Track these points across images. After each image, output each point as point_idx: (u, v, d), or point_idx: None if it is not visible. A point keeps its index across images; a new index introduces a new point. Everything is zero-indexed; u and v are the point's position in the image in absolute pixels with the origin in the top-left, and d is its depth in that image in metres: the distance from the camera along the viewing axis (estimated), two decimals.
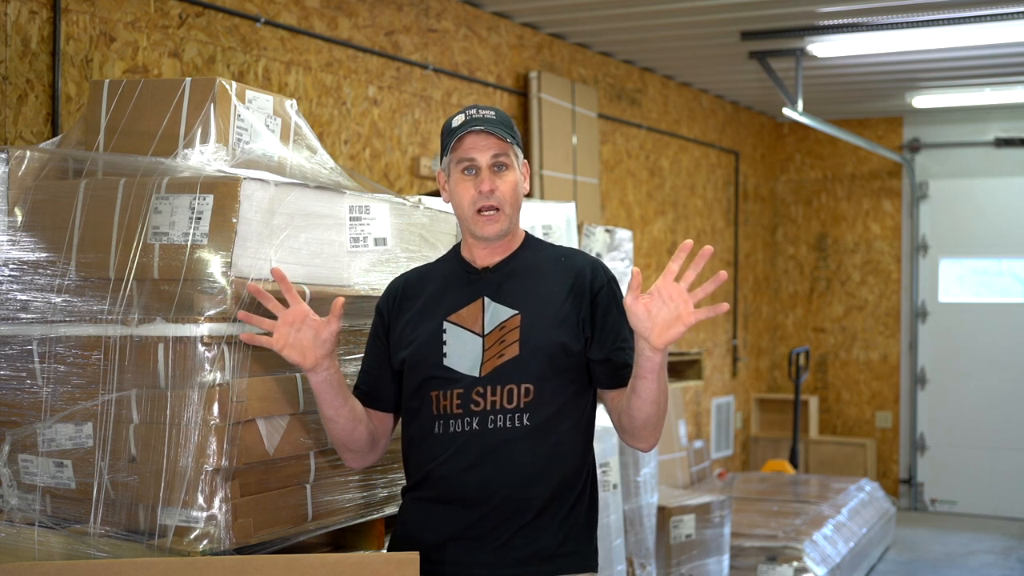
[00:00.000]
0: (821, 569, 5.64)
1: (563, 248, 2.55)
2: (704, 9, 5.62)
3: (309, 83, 4.46)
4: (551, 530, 2.34)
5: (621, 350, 2.37)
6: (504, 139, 2.37)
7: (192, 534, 2.29)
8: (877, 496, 7.44)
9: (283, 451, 2.45)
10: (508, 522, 2.32)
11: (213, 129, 2.60)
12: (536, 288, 2.40)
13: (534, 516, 2.33)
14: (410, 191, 4.92)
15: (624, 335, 2.37)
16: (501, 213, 2.38)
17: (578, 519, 2.39)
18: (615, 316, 2.38)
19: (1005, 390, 8.59)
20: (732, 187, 8.49)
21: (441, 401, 2.36)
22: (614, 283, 2.44)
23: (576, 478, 2.39)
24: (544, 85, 5.84)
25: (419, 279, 2.51)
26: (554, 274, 2.43)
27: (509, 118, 2.46)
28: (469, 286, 2.42)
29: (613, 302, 2.40)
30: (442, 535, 2.36)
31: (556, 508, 2.35)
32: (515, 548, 2.33)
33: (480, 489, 2.33)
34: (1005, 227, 8.68)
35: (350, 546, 2.72)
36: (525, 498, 2.32)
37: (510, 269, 2.43)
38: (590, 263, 2.46)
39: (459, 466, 2.35)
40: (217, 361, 2.32)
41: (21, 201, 2.60)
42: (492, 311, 2.38)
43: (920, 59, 6.75)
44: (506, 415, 2.33)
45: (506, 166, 2.39)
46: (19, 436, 2.50)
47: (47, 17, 3.42)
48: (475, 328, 2.37)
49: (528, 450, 2.33)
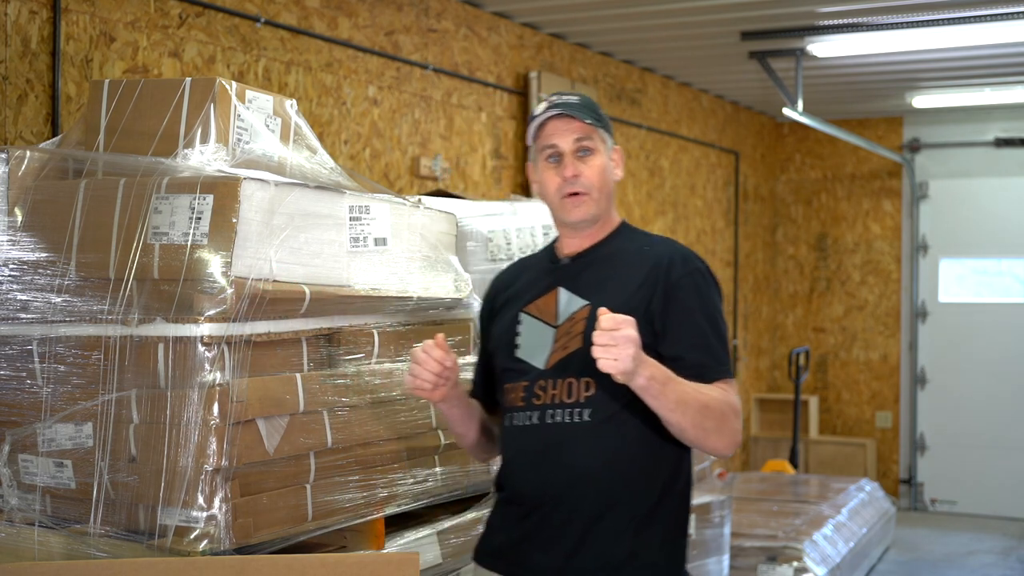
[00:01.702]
0: (821, 569, 5.64)
1: (655, 237, 2.42)
2: (704, 9, 5.62)
3: (309, 83, 4.45)
4: (620, 539, 2.22)
5: (696, 348, 2.23)
6: (586, 122, 2.28)
7: (192, 534, 2.29)
8: (877, 496, 7.44)
9: (283, 451, 2.45)
10: (569, 526, 2.23)
11: (213, 129, 2.60)
12: (612, 278, 2.30)
13: (595, 521, 2.22)
14: (410, 191, 4.92)
15: (703, 331, 2.24)
16: (588, 197, 2.30)
17: (655, 530, 2.24)
18: (693, 310, 2.25)
19: (1005, 390, 8.58)
20: (732, 187, 8.49)
21: (510, 394, 2.33)
22: (699, 275, 2.29)
23: (648, 483, 2.24)
24: (544, 85, 5.84)
25: (518, 270, 2.49)
26: (634, 263, 2.31)
27: (594, 103, 2.36)
28: (548, 276, 2.37)
29: (694, 295, 2.26)
30: (513, 537, 2.31)
31: (624, 515, 2.22)
32: (580, 555, 2.22)
33: (539, 489, 2.27)
34: (1005, 227, 8.68)
35: (350, 546, 2.72)
36: (584, 501, 2.22)
37: (592, 258, 2.35)
38: (673, 252, 2.32)
39: (521, 463, 2.31)
40: (217, 361, 2.32)
41: (21, 201, 2.60)
42: (566, 301, 2.31)
43: (920, 59, 6.75)
44: (565, 410, 2.24)
45: (591, 150, 2.30)
46: (19, 436, 2.50)
47: (47, 17, 3.42)
48: (549, 319, 2.31)
49: (586, 449, 2.22)
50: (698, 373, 2.20)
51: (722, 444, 2.20)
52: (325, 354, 2.62)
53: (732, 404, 2.21)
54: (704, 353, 2.23)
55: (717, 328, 2.27)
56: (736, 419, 2.21)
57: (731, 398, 2.22)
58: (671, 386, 2.12)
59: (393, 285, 2.76)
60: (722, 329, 2.28)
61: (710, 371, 2.22)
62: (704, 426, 2.16)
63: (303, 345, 2.55)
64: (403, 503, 2.76)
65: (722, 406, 2.18)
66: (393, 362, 2.78)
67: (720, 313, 2.30)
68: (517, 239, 3.80)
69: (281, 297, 2.42)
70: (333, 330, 2.62)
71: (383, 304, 2.74)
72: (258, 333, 2.40)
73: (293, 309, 2.48)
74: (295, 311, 2.49)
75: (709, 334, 2.24)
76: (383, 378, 2.72)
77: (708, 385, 2.20)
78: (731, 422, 2.19)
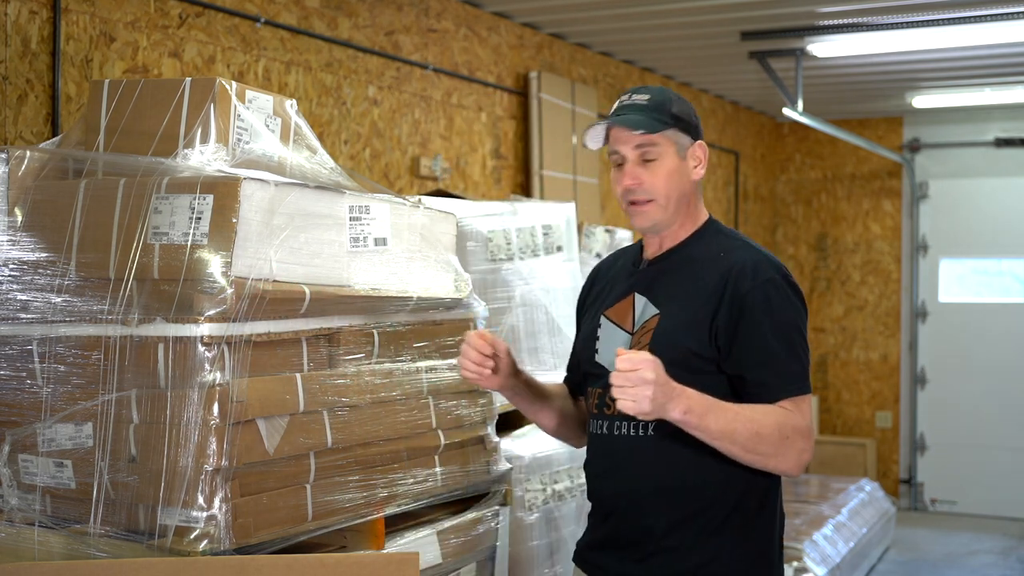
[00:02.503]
0: (821, 569, 5.64)
1: (735, 241, 2.30)
2: (704, 9, 5.62)
3: (309, 83, 4.45)
4: (688, 550, 2.21)
5: (759, 366, 2.15)
6: (639, 132, 2.22)
7: (192, 534, 2.29)
8: (877, 496, 7.44)
9: (283, 451, 2.45)
10: (639, 536, 2.24)
11: (213, 129, 2.60)
12: (685, 286, 2.25)
13: (664, 533, 2.21)
14: (410, 191, 4.92)
15: (768, 347, 2.15)
16: (654, 204, 2.25)
17: (726, 542, 2.21)
18: (759, 325, 2.15)
19: (1005, 390, 8.58)
20: (732, 187, 8.49)
21: (590, 398, 2.34)
22: (770, 286, 2.18)
23: (717, 495, 2.20)
24: (544, 85, 5.84)
25: (613, 260, 2.48)
26: (708, 271, 2.23)
27: (667, 100, 2.27)
28: (628, 279, 2.35)
29: (761, 309, 2.16)
30: (596, 538, 2.34)
31: (692, 527, 2.20)
32: (647, 565, 2.23)
33: (611, 497, 2.29)
34: (1005, 227, 8.68)
35: (350, 546, 2.72)
36: (652, 512, 2.22)
37: (670, 263, 2.31)
38: (746, 261, 2.21)
39: (596, 470, 2.34)
40: (217, 361, 2.32)
41: (21, 201, 2.60)
42: (641, 308, 2.28)
43: (920, 59, 6.75)
44: (631, 423, 2.23)
45: (654, 159, 2.24)
46: (19, 436, 2.50)
47: (47, 17, 3.42)
48: (626, 325, 2.29)
49: (652, 462, 2.22)
50: (760, 393, 2.16)
51: (785, 466, 2.15)
52: (325, 354, 2.62)
53: (796, 425, 2.13)
54: (767, 371, 2.16)
55: (787, 342, 2.17)
56: (802, 439, 2.13)
57: (794, 419, 2.13)
58: (712, 417, 2.08)
59: (393, 285, 2.76)
60: (795, 343, 2.18)
61: (773, 390, 2.15)
62: (759, 451, 2.11)
63: (303, 345, 2.55)
64: (403, 503, 2.76)
65: (781, 429, 2.11)
66: (393, 362, 2.77)
67: (794, 326, 2.19)
68: (517, 239, 3.80)
69: (281, 297, 2.42)
70: (333, 330, 2.62)
71: (383, 304, 2.74)
72: (258, 333, 2.40)
73: (293, 309, 2.48)
74: (295, 311, 2.49)
75: (776, 350, 2.16)
76: (383, 378, 2.72)
77: (767, 407, 2.14)
78: (794, 444, 2.12)
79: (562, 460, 3.77)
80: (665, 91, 2.32)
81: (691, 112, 2.32)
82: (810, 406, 2.19)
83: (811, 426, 2.17)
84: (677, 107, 2.29)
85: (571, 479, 3.78)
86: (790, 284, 2.23)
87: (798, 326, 2.21)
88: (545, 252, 3.94)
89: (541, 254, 3.92)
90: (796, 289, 2.24)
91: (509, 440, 3.61)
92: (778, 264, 2.25)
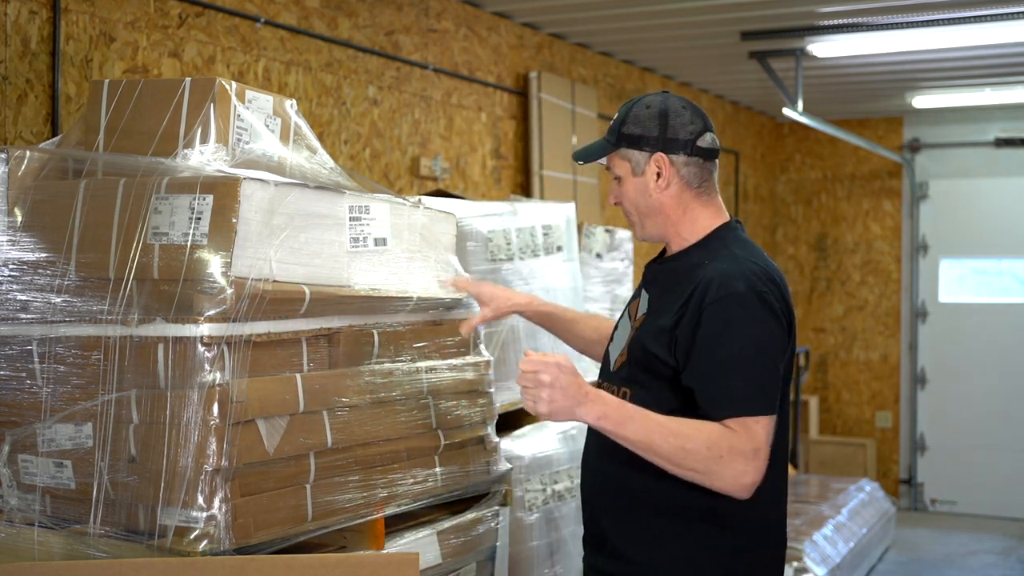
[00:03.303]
0: (821, 569, 5.64)
1: (726, 251, 2.26)
2: (704, 9, 5.62)
3: (309, 83, 4.45)
4: (639, 555, 2.24)
5: (708, 379, 2.12)
6: (594, 161, 2.36)
7: (192, 534, 2.29)
8: (877, 496, 7.44)
9: (283, 451, 2.45)
10: (599, 529, 2.31)
11: (213, 129, 2.60)
12: (668, 292, 2.28)
13: (616, 531, 2.26)
14: (410, 191, 4.92)
15: (720, 362, 2.11)
16: (631, 221, 2.37)
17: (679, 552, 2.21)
18: (714, 339, 2.12)
19: (1005, 390, 8.58)
20: (732, 187, 8.49)
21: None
22: (732, 300, 2.13)
23: (667, 506, 2.21)
24: (544, 85, 5.84)
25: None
26: (688, 279, 2.23)
27: (623, 118, 2.30)
28: (644, 276, 2.43)
29: (719, 323, 2.12)
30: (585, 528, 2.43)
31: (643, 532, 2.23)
32: (610, 560, 2.29)
33: (585, 489, 2.39)
34: (1005, 227, 8.68)
35: (350, 546, 2.72)
36: (603, 509, 2.30)
37: (667, 268, 2.35)
38: (716, 272, 2.18)
39: (582, 459, 2.43)
40: (217, 361, 2.31)
41: (21, 201, 2.60)
42: (644, 305, 2.36)
43: (920, 59, 6.75)
44: None
45: (619, 176, 2.33)
46: (19, 436, 2.50)
47: (47, 17, 3.42)
48: (634, 319, 2.37)
49: (608, 459, 2.27)
50: (707, 408, 2.13)
51: (721, 484, 2.10)
52: (325, 354, 2.62)
53: (735, 446, 2.07)
54: (714, 387, 2.12)
55: (739, 360, 2.12)
56: (743, 460, 2.06)
57: (735, 439, 2.07)
58: (632, 426, 2.09)
59: (393, 285, 2.76)
60: (748, 362, 2.12)
61: (718, 407, 2.11)
62: (687, 466, 2.09)
63: (303, 345, 2.55)
64: (403, 503, 2.76)
65: (713, 447, 2.06)
66: (393, 362, 2.77)
67: (753, 343, 2.13)
68: (517, 239, 3.80)
69: (281, 297, 2.42)
70: (333, 330, 2.62)
71: (383, 304, 2.74)
72: (258, 333, 2.40)
73: (293, 309, 2.48)
74: (295, 311, 2.49)
75: (727, 366, 2.11)
76: (383, 378, 2.72)
77: (704, 423, 2.10)
78: (730, 464, 2.07)
79: (562, 460, 3.77)
80: (631, 105, 2.33)
81: (654, 122, 2.27)
82: (764, 427, 2.11)
83: (760, 448, 2.09)
84: (631, 123, 2.29)
85: (571, 479, 3.78)
86: (762, 301, 2.15)
87: (759, 344, 2.14)
88: (545, 252, 3.94)
89: (541, 254, 3.92)
90: (768, 304, 2.16)
91: (509, 440, 3.61)
92: (757, 277, 2.18)
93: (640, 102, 2.31)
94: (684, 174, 2.29)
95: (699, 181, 2.31)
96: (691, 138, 2.28)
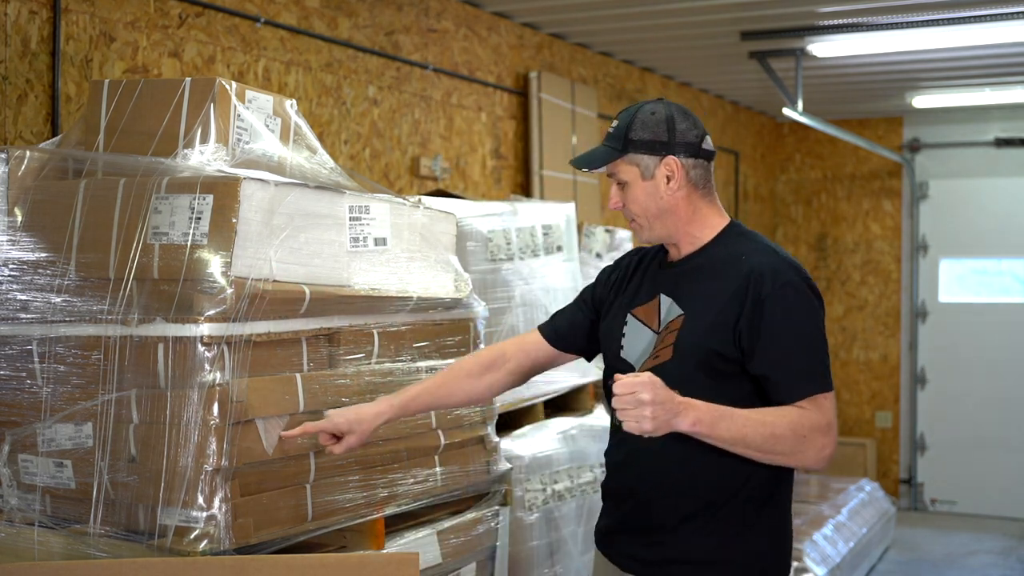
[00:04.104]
0: (821, 569, 5.64)
1: (755, 244, 2.36)
2: (704, 9, 5.62)
3: (309, 83, 4.45)
4: (699, 541, 2.30)
5: (779, 366, 2.23)
6: (595, 169, 2.36)
7: (192, 534, 2.29)
8: (877, 496, 7.44)
9: (283, 451, 2.45)
10: (651, 526, 2.33)
11: (213, 129, 2.60)
12: (708, 288, 2.30)
13: (674, 525, 2.31)
14: (410, 191, 4.92)
15: (787, 348, 2.23)
16: (636, 224, 2.37)
17: (734, 533, 2.31)
18: (779, 327, 2.23)
19: (1005, 390, 8.58)
20: (732, 187, 8.49)
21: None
22: (789, 289, 2.25)
23: (726, 490, 2.30)
24: (544, 85, 5.84)
25: (639, 259, 2.52)
26: (729, 274, 2.29)
27: (628, 124, 2.33)
28: (655, 280, 2.42)
29: (780, 311, 2.23)
30: (611, 524, 2.44)
31: (702, 520, 2.30)
32: (661, 551, 2.32)
33: (623, 489, 2.39)
34: (1005, 227, 8.67)
35: (350, 546, 2.72)
36: (661, 506, 2.32)
37: (694, 265, 2.36)
38: (764, 265, 2.27)
39: (614, 460, 2.43)
40: (217, 361, 2.32)
41: (21, 201, 2.60)
42: (667, 308, 2.35)
43: (920, 59, 6.75)
44: None
45: (626, 182, 2.35)
46: (19, 436, 2.50)
47: (47, 17, 3.42)
48: (652, 324, 2.36)
49: (662, 459, 2.29)
50: (779, 392, 2.24)
51: (806, 463, 2.25)
52: (325, 354, 2.62)
53: (814, 423, 2.21)
54: (786, 372, 2.23)
55: (805, 343, 2.25)
56: (822, 435, 2.21)
57: (812, 417, 2.21)
58: (724, 425, 2.16)
59: (393, 285, 2.76)
60: (813, 343, 2.27)
61: (792, 390, 2.23)
62: (776, 451, 2.20)
63: (303, 345, 2.55)
64: (403, 503, 2.76)
65: (797, 429, 2.19)
66: (393, 362, 2.78)
67: (814, 327, 2.27)
68: (517, 239, 3.80)
69: (281, 297, 2.42)
70: (333, 330, 2.62)
71: (383, 304, 2.74)
72: (258, 333, 2.40)
73: (293, 309, 2.48)
74: (295, 311, 2.49)
75: (794, 351, 2.24)
76: (383, 378, 2.72)
77: (782, 408, 2.22)
78: (812, 441, 2.21)
79: (562, 460, 3.77)
80: (633, 112, 2.36)
81: (663, 127, 2.33)
82: (831, 402, 2.27)
83: (832, 421, 2.25)
84: (638, 129, 2.33)
85: (571, 479, 3.78)
86: (809, 285, 2.29)
87: (817, 326, 2.29)
88: (545, 252, 3.95)
89: (541, 254, 3.92)
90: (815, 290, 2.31)
91: (509, 440, 3.61)
92: (797, 266, 2.32)
93: (643, 108, 2.36)
94: (692, 176, 2.36)
95: (704, 182, 2.38)
96: (697, 141, 2.36)
